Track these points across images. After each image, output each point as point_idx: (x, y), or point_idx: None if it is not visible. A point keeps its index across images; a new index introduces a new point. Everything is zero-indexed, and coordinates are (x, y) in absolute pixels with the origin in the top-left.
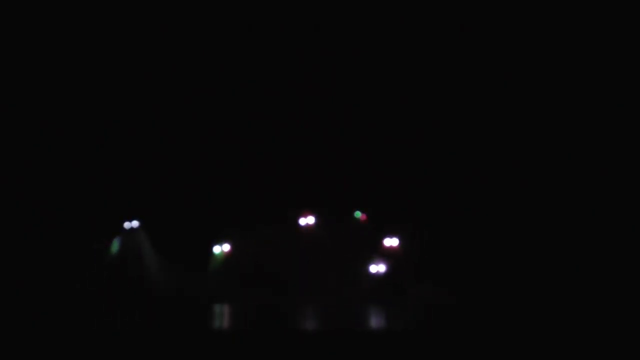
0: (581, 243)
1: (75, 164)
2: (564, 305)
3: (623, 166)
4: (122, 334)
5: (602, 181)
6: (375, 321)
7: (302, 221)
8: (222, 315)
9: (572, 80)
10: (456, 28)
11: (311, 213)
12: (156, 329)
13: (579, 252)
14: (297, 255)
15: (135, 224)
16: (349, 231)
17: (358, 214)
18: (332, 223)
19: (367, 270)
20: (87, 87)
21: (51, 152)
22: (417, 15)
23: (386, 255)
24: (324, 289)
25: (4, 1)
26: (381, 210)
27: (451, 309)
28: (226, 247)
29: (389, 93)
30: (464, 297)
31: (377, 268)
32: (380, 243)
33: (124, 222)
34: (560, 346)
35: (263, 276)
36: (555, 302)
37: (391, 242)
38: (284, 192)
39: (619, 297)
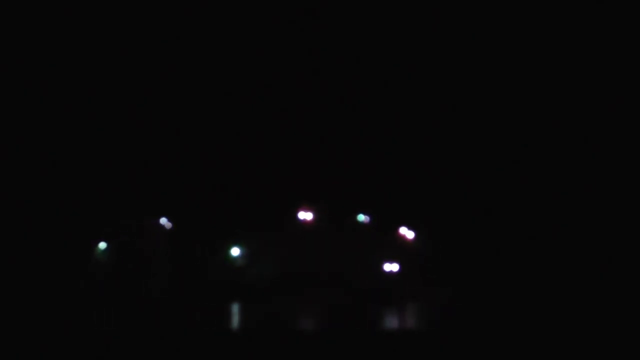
0: (582, 243)
1: (76, 163)
2: (565, 305)
3: (623, 166)
4: (122, 334)
5: (602, 181)
6: (378, 321)
7: (301, 216)
8: (223, 315)
9: (572, 81)
10: (458, 28)
11: (310, 209)
12: (156, 329)
13: (580, 252)
14: (297, 253)
15: (167, 224)
16: (350, 231)
17: (361, 217)
18: (332, 221)
19: (369, 270)
20: (90, 87)
21: (54, 151)
22: (419, 16)
23: (398, 246)
24: (324, 288)
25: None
26: (384, 210)
27: (455, 308)
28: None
29: (392, 92)
30: (468, 296)
31: (390, 267)
32: (393, 234)
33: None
34: (562, 346)
35: (263, 275)
36: (557, 302)
37: (407, 233)
38: (284, 190)
39: (619, 297)
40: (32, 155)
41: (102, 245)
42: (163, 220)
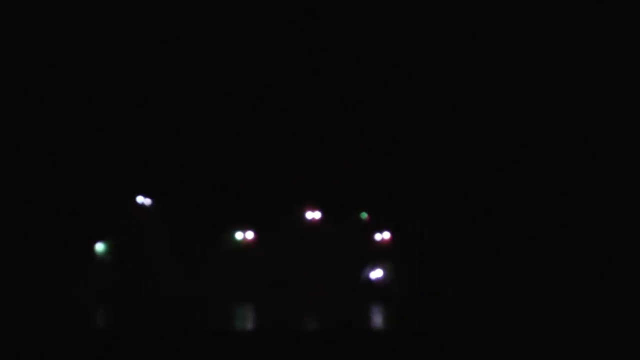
0: (582, 243)
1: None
2: (565, 305)
3: (623, 166)
4: (122, 334)
5: (602, 181)
6: (379, 321)
7: (309, 215)
8: (224, 315)
9: (572, 81)
10: (458, 29)
11: (317, 208)
12: (157, 329)
13: (579, 251)
14: (302, 253)
15: (147, 201)
16: (353, 230)
17: (364, 215)
18: (337, 220)
19: (368, 270)
20: (89, 85)
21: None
22: (419, 16)
23: (379, 252)
24: (329, 288)
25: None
26: (383, 209)
27: (455, 308)
28: (249, 235)
29: (392, 91)
30: (468, 296)
31: (375, 273)
32: (374, 240)
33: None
34: (561, 346)
35: (265, 274)
36: (556, 302)
37: (383, 236)
38: (289, 188)
39: (619, 297)
40: (32, 155)
41: (102, 245)
42: (140, 199)
